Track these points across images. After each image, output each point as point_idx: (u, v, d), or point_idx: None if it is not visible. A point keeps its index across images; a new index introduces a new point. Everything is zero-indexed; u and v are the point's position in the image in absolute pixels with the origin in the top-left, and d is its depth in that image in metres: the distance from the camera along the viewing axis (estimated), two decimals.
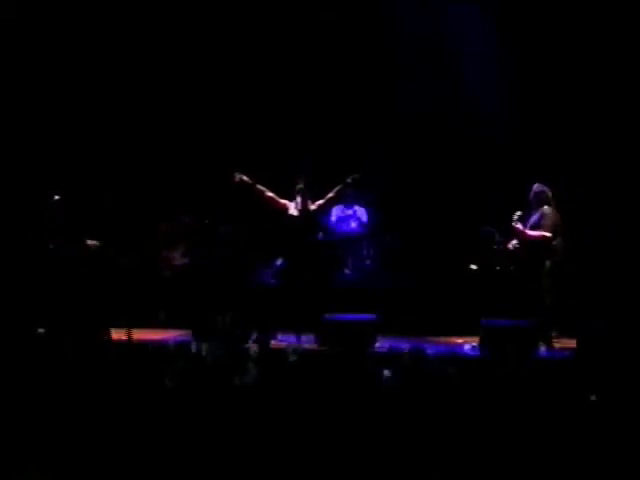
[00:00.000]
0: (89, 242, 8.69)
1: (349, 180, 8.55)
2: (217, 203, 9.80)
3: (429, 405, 5.03)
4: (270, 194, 8.62)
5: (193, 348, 6.55)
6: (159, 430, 4.75)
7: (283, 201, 8.64)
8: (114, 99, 10.14)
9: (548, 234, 8.13)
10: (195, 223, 9.69)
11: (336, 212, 9.87)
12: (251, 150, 9.72)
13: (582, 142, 9.50)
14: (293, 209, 8.60)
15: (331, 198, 8.71)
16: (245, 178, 8.55)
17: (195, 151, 10.25)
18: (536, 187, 8.38)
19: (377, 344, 8.08)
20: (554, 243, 8.20)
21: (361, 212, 9.97)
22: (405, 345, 7.25)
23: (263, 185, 8.65)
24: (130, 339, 7.14)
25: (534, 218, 8.26)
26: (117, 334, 7.51)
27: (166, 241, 9.66)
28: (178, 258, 9.59)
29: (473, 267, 8.67)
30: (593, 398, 5.21)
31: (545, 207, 8.23)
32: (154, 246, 9.65)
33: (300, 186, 8.57)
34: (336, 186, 8.62)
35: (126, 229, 9.67)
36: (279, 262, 8.90)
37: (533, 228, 8.22)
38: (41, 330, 7.47)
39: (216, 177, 9.89)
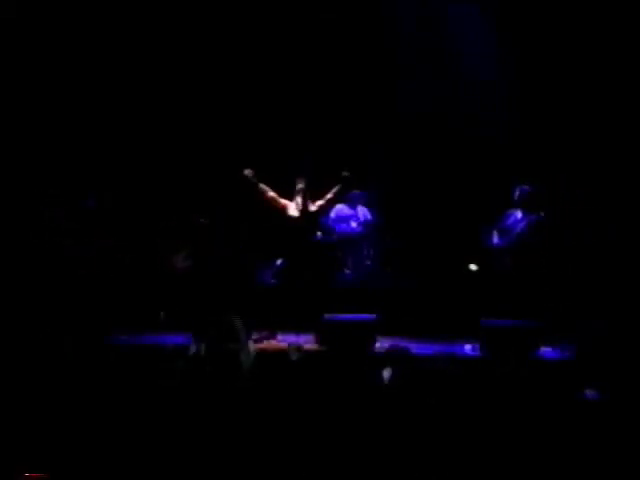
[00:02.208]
0: None
1: (343, 177, 8.52)
2: (217, 203, 9.79)
3: (429, 405, 5.03)
4: (272, 194, 8.61)
5: (192, 349, 6.56)
6: (158, 431, 4.76)
7: (283, 201, 8.63)
8: (115, 100, 10.14)
9: None
10: (199, 225, 9.69)
11: (336, 212, 9.87)
12: (251, 150, 9.71)
13: (582, 142, 9.50)
14: (293, 209, 8.59)
15: (330, 199, 8.70)
16: (252, 174, 8.52)
17: (195, 151, 10.25)
18: (526, 188, 8.44)
19: (377, 344, 8.09)
20: None
21: (362, 212, 9.97)
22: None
23: (266, 185, 8.63)
24: None
25: (525, 221, 8.34)
26: None
27: (170, 244, 9.66)
28: (181, 261, 9.59)
29: (473, 267, 8.67)
30: (589, 393, 5.22)
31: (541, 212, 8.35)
32: (157, 248, 9.65)
33: (300, 186, 8.56)
34: (334, 186, 8.61)
35: (128, 230, 9.69)
36: (279, 262, 8.89)
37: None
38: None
39: (216, 177, 9.92)
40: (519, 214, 8.52)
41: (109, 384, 5.53)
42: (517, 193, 8.56)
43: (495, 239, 8.63)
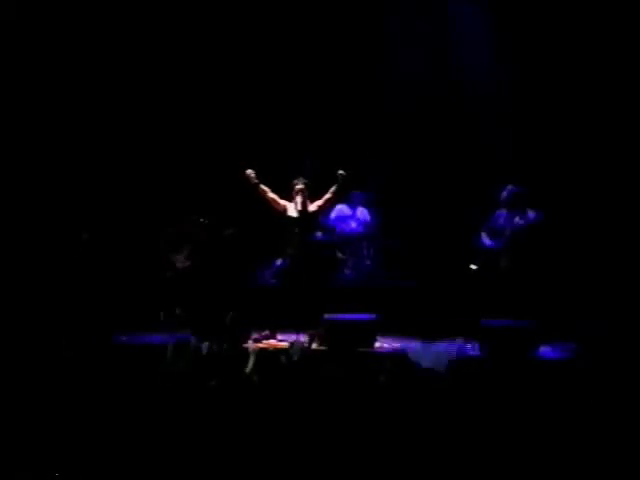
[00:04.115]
0: None
1: (339, 176, 8.50)
2: (218, 204, 9.79)
3: (428, 405, 5.03)
4: (272, 195, 8.61)
5: (193, 348, 6.56)
6: (159, 429, 4.76)
7: (283, 202, 8.63)
8: (116, 102, 10.13)
9: None
10: (199, 226, 9.68)
11: (337, 212, 9.88)
12: (251, 151, 9.70)
13: (582, 142, 9.49)
14: (292, 210, 8.59)
15: (329, 199, 8.68)
16: (253, 175, 8.52)
17: (196, 152, 10.25)
18: (513, 188, 8.45)
19: (377, 344, 8.09)
20: None
21: (362, 212, 9.98)
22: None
23: (267, 186, 8.63)
24: None
25: (520, 221, 8.36)
26: None
27: (170, 244, 9.65)
28: (181, 261, 9.59)
29: (473, 267, 8.66)
30: None
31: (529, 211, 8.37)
32: (158, 249, 9.64)
33: (300, 187, 8.55)
34: (332, 186, 8.60)
35: (128, 230, 9.69)
36: (279, 262, 8.90)
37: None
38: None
39: (217, 178, 9.92)
40: (508, 214, 8.51)
41: (109, 384, 5.54)
42: (504, 194, 8.54)
43: (487, 241, 8.61)
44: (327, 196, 8.63)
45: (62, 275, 8.96)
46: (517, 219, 8.40)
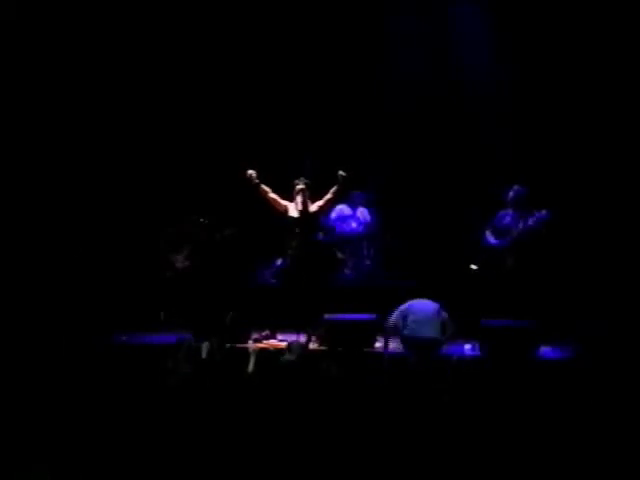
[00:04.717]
0: None
1: (340, 177, 8.49)
2: (218, 204, 9.80)
3: (428, 405, 5.03)
4: (273, 195, 8.60)
5: (193, 348, 6.56)
6: (159, 429, 4.76)
7: (284, 203, 8.63)
8: (116, 102, 10.13)
9: None
10: (199, 226, 9.69)
11: (337, 212, 9.88)
12: (252, 151, 9.71)
13: (582, 142, 9.49)
14: (293, 210, 8.58)
15: (329, 199, 8.67)
16: (254, 175, 8.50)
17: (197, 152, 10.25)
18: (520, 188, 8.47)
19: (377, 344, 8.09)
20: None
21: (362, 212, 9.98)
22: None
23: (268, 186, 8.63)
24: None
25: (527, 219, 8.37)
26: None
27: (170, 244, 9.66)
28: (180, 261, 9.60)
29: (473, 267, 8.66)
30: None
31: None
32: (158, 249, 9.65)
33: (300, 187, 8.55)
34: (332, 187, 8.59)
35: (128, 230, 9.70)
36: (279, 262, 8.90)
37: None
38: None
39: (217, 178, 9.92)
40: (514, 214, 8.52)
41: (109, 384, 5.54)
42: (511, 194, 8.56)
43: (492, 240, 8.61)
44: (328, 196, 8.62)
45: (62, 275, 8.97)
46: (526, 219, 8.40)
